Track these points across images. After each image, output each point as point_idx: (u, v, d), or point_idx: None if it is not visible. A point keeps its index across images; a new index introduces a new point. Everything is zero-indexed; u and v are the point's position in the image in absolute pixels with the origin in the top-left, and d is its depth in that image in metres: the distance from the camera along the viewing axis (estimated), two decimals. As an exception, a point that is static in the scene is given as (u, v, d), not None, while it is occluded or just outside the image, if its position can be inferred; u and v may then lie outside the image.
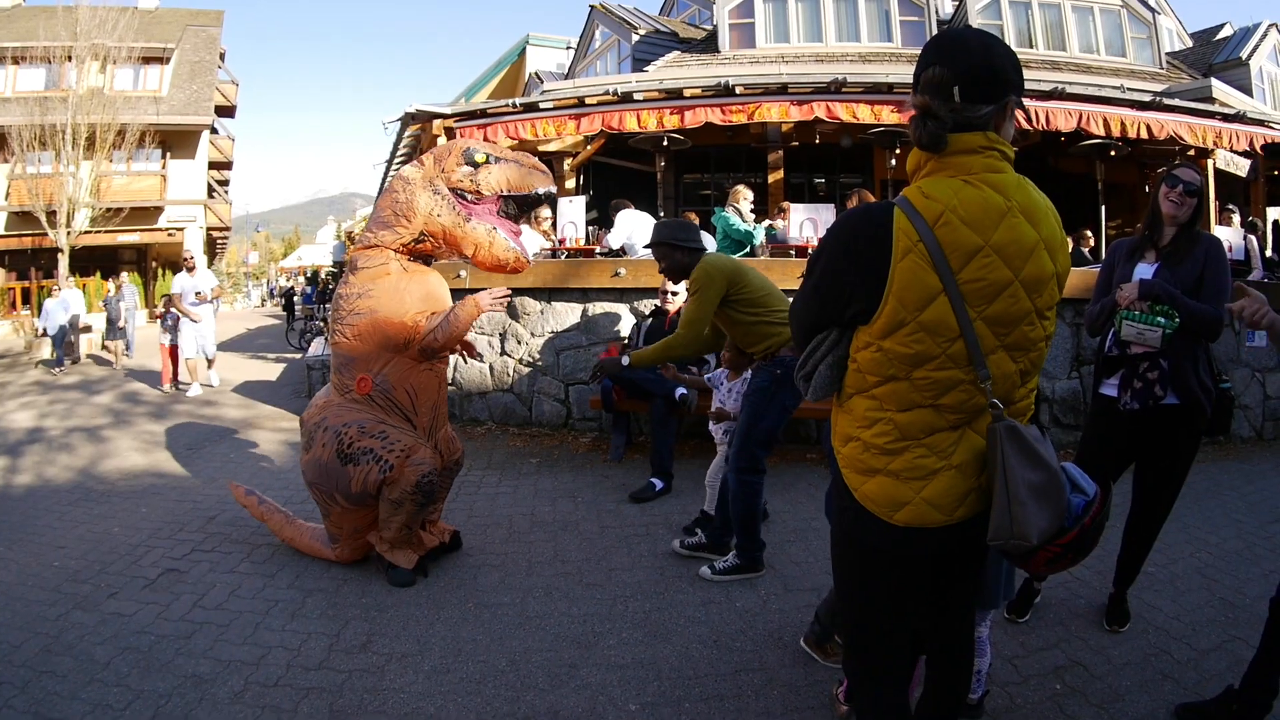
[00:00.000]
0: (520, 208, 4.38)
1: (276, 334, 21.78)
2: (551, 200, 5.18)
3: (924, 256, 1.72)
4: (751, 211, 8.83)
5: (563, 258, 8.65)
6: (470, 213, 4.18)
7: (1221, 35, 19.29)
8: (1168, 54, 17.36)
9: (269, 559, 4.58)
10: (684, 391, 5.81)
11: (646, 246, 4.80)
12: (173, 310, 10.80)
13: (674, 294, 6.27)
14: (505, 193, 4.22)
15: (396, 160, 14.18)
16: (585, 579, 4.29)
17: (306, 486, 4.37)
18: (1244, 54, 16.98)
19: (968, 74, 1.75)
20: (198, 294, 10.85)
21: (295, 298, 26.94)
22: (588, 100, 10.32)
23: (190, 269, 11.10)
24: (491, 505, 5.59)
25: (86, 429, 8.43)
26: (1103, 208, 12.25)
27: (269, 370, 13.62)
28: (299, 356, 14.94)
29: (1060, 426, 7.19)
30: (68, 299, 14.42)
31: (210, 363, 11.21)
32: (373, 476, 4.04)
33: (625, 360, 4.36)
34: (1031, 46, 16.27)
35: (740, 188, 8.77)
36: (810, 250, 8.21)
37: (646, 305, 7.39)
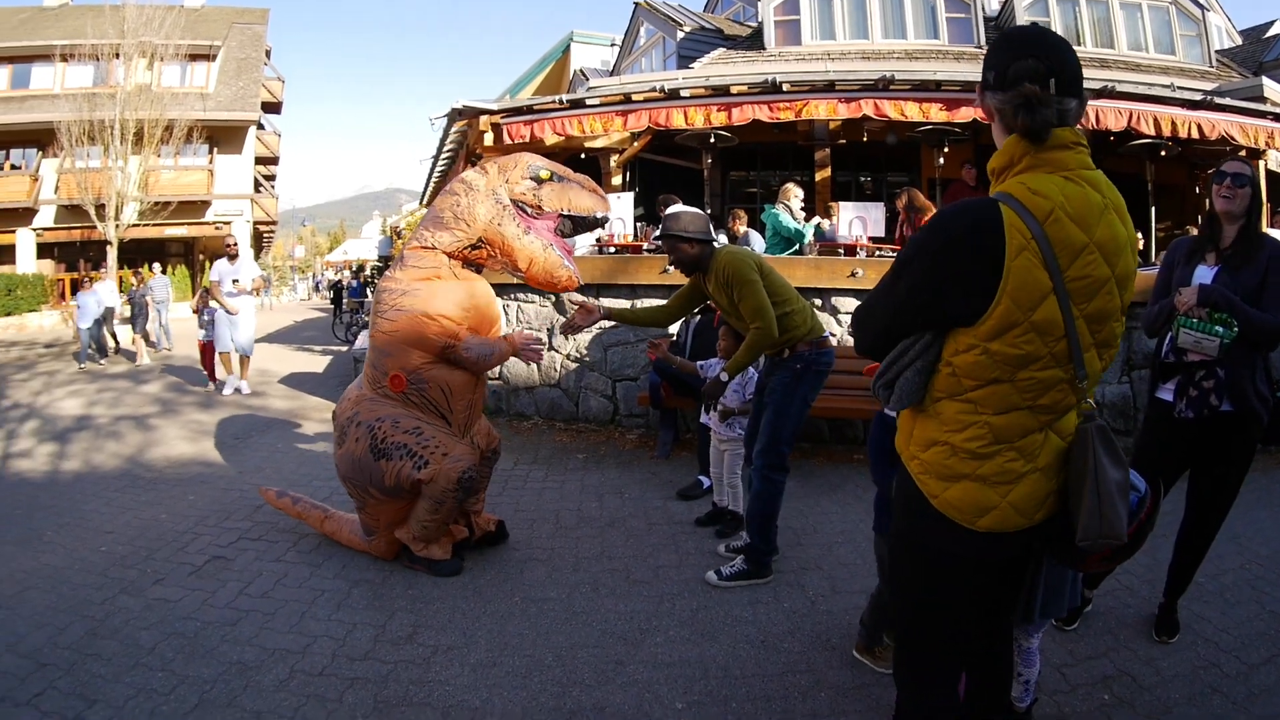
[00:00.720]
0: (576, 228, 4.42)
1: (323, 326, 22.09)
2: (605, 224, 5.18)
3: (1036, 254, 1.68)
4: (801, 209, 8.81)
5: (611, 253, 8.65)
6: (529, 226, 4.18)
7: (1272, 32, 18.81)
8: (1217, 52, 16.93)
9: (315, 549, 4.62)
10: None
11: (656, 239, 4.73)
12: (210, 305, 10.22)
13: None
14: (565, 211, 4.24)
15: (443, 156, 14.22)
16: (632, 576, 4.28)
17: (340, 481, 4.40)
18: (1295, 52, 16.58)
19: (1062, 68, 1.74)
20: (235, 282, 10.01)
21: (343, 290, 27.23)
22: (634, 97, 10.26)
23: (233, 256, 10.13)
24: (538, 500, 5.60)
25: (134, 417, 8.59)
26: (1153, 209, 12.00)
27: (315, 362, 13.81)
28: (345, 349, 15.13)
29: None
30: (100, 292, 14.06)
31: (245, 362, 10.23)
32: (406, 472, 4.03)
33: (724, 376, 4.25)
34: (1079, 44, 15.93)
35: (790, 185, 8.76)
36: (860, 249, 8.13)
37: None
